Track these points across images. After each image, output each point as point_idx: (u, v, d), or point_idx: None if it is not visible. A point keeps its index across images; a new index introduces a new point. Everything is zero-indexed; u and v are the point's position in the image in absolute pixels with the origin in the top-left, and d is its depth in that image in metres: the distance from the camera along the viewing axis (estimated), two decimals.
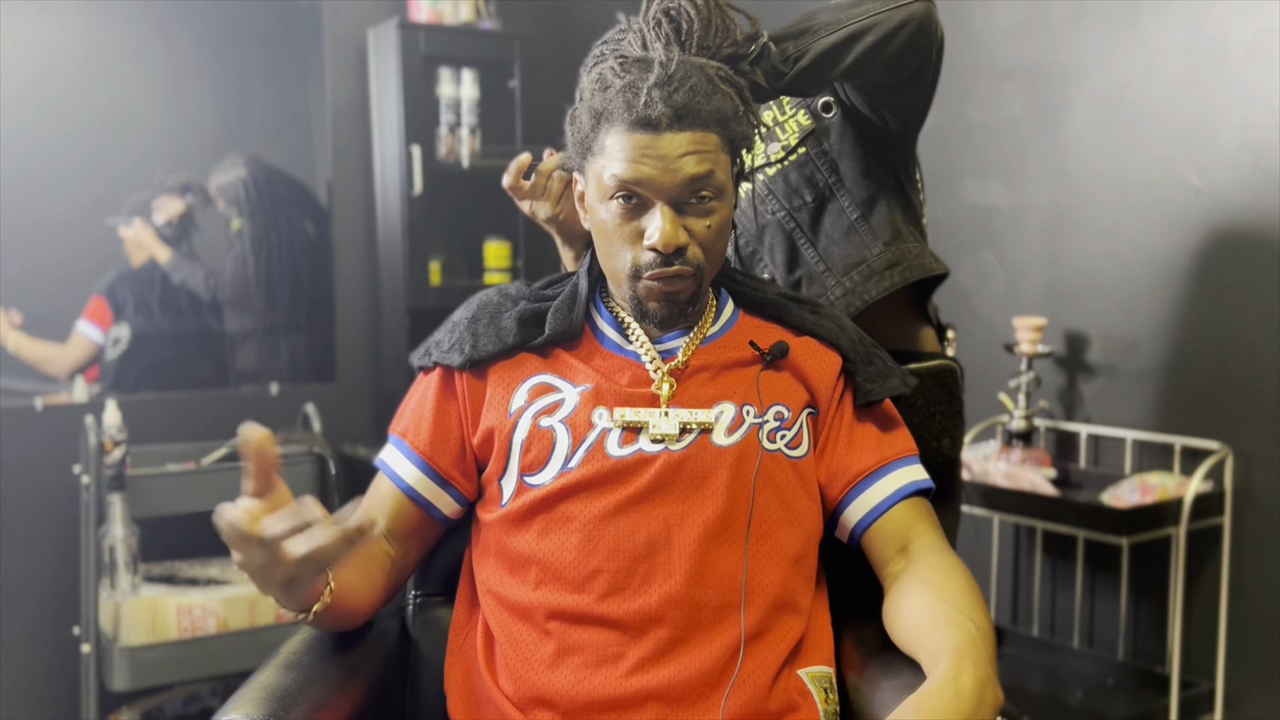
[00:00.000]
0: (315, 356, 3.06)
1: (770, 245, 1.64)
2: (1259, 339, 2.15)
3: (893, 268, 1.55)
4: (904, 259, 1.56)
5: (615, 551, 1.17)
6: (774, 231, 1.63)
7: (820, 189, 1.59)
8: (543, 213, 1.41)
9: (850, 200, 1.58)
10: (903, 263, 1.56)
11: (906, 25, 1.35)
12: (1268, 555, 2.17)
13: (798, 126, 1.59)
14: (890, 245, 1.56)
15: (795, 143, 1.59)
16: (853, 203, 1.58)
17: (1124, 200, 2.36)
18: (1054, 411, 2.52)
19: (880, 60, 1.36)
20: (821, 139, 1.58)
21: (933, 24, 1.38)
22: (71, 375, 2.75)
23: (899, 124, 1.52)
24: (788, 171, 1.60)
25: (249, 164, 2.92)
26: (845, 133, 1.57)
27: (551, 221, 1.42)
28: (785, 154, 1.60)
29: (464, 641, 1.27)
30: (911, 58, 1.39)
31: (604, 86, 1.19)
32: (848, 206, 1.58)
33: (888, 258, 1.56)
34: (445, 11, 2.95)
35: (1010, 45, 2.57)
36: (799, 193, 1.60)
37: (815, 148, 1.58)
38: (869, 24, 1.34)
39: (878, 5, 1.35)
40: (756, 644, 1.17)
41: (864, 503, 1.26)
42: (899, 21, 1.35)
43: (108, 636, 2.50)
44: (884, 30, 1.34)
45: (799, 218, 1.60)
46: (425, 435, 1.28)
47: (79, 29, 2.71)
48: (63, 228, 2.70)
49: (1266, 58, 2.11)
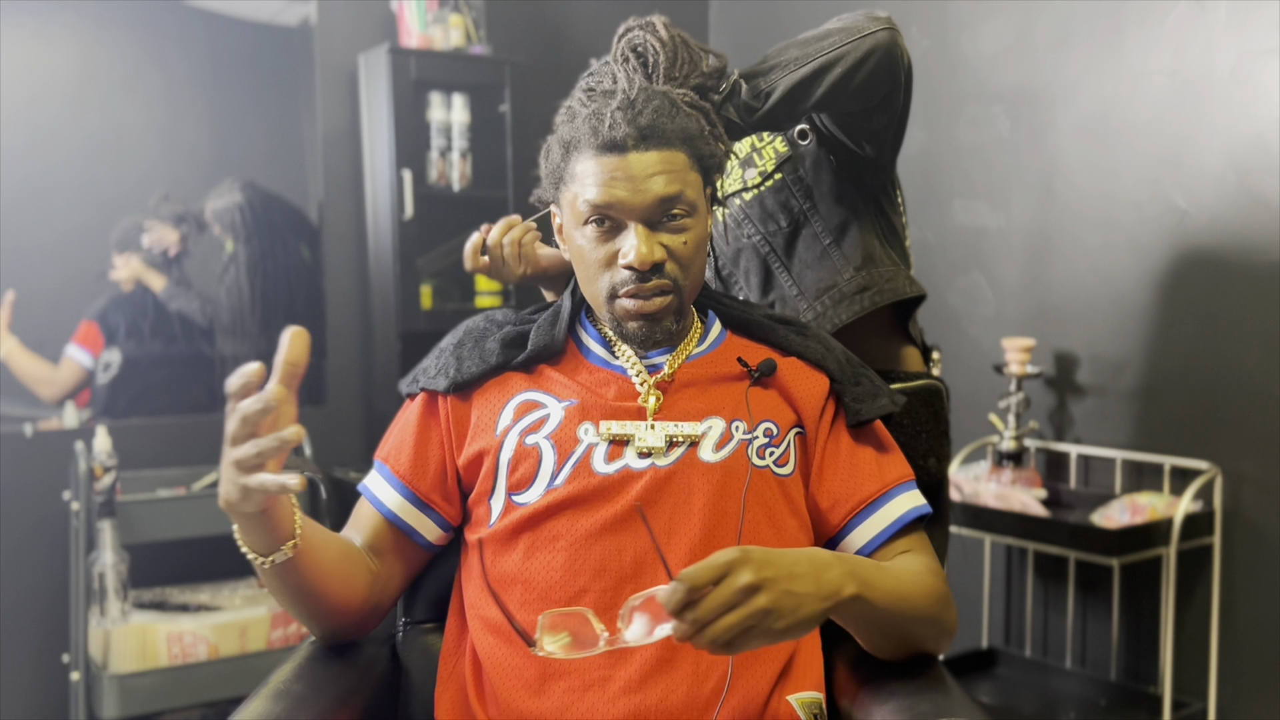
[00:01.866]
0: (306, 380, 3.02)
1: (745, 269, 1.66)
2: (1247, 359, 2.16)
3: (862, 292, 1.57)
4: (874, 283, 1.58)
5: (601, 571, 1.17)
6: (749, 255, 1.66)
7: (795, 214, 1.61)
8: (511, 278, 1.48)
9: (823, 226, 1.61)
10: (873, 287, 1.58)
11: (873, 54, 1.38)
12: (1258, 575, 2.17)
13: (774, 153, 1.62)
14: (861, 270, 1.59)
15: (772, 169, 1.62)
16: (826, 228, 1.61)
17: (1111, 222, 2.38)
18: (1044, 432, 2.53)
19: (849, 90, 1.39)
20: (797, 165, 1.61)
21: (898, 51, 1.41)
22: (61, 400, 2.74)
23: (874, 150, 1.55)
24: (764, 196, 1.63)
25: (245, 189, 2.92)
26: (820, 160, 1.60)
27: (524, 281, 1.49)
28: (762, 179, 1.63)
29: (454, 668, 1.26)
30: (879, 85, 1.42)
31: (571, 117, 1.22)
32: (821, 232, 1.61)
33: (858, 282, 1.58)
34: (436, 37, 2.96)
35: (997, 68, 2.59)
36: (774, 218, 1.62)
37: (791, 174, 1.61)
38: (836, 55, 1.37)
39: (843, 37, 1.39)
40: (745, 667, 1.16)
41: (867, 530, 1.26)
42: (865, 51, 1.38)
43: (97, 664, 2.49)
44: (851, 61, 1.37)
45: (774, 242, 1.63)
46: (406, 460, 1.28)
47: (73, 55, 2.72)
48: (56, 252, 2.70)
49: (1250, 81, 2.13)
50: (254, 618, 2.59)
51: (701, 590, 0.95)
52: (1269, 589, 2.15)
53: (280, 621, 2.61)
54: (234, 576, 2.82)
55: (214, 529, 2.60)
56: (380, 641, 1.38)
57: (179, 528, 2.56)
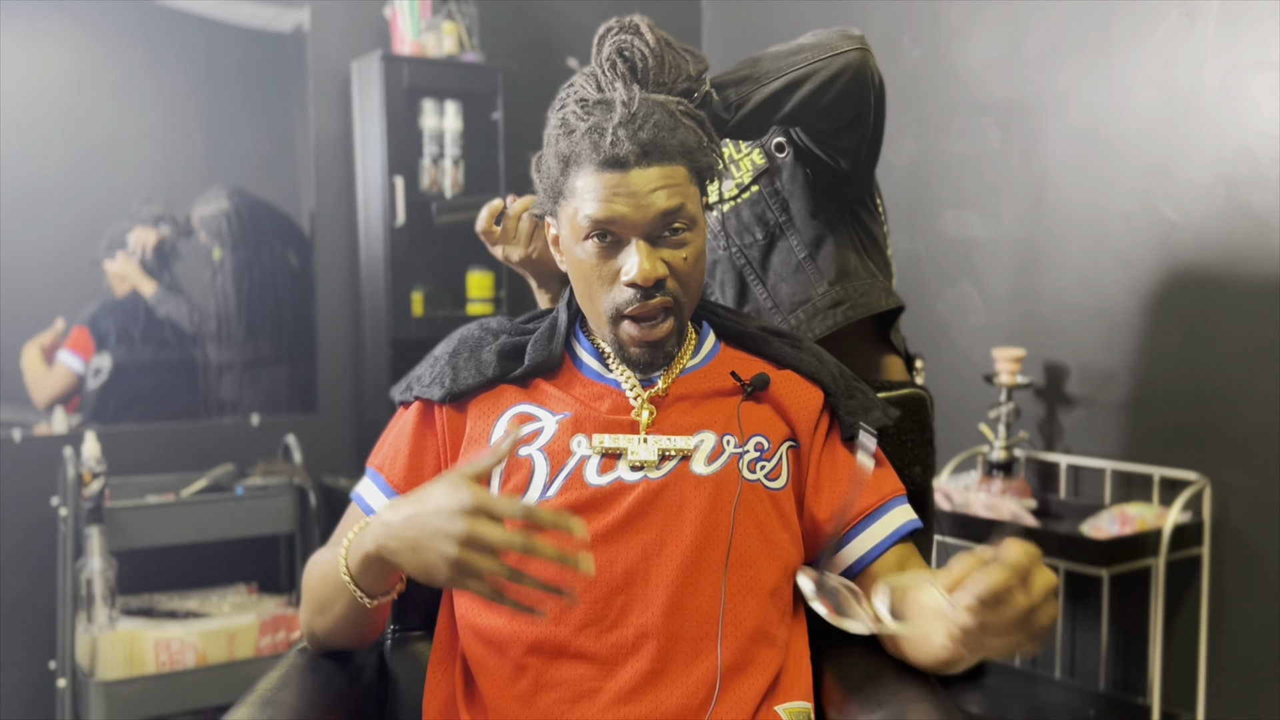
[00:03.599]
0: (296, 387, 3.05)
1: (721, 280, 1.67)
2: (1235, 371, 2.17)
3: (836, 306, 1.58)
4: (848, 298, 1.59)
5: (593, 583, 1.17)
6: (725, 267, 1.66)
7: (771, 227, 1.62)
8: (515, 255, 1.46)
9: (799, 239, 1.61)
10: (847, 301, 1.59)
11: (843, 74, 1.39)
12: (1246, 586, 2.18)
13: (751, 165, 1.63)
14: (835, 284, 1.59)
15: (749, 180, 1.62)
16: (801, 242, 1.61)
17: (1100, 233, 2.39)
18: (1034, 442, 2.54)
19: (818, 107, 1.40)
20: (774, 178, 1.61)
21: (868, 72, 1.42)
22: (51, 405, 2.73)
23: (849, 165, 1.55)
24: (740, 209, 1.63)
25: (232, 195, 2.92)
26: (796, 173, 1.60)
27: (524, 263, 1.48)
28: (739, 191, 1.63)
29: (442, 676, 1.26)
30: (848, 105, 1.43)
31: (569, 131, 1.21)
32: (796, 245, 1.61)
33: (832, 297, 1.59)
34: (429, 44, 2.97)
35: (987, 80, 2.60)
36: (750, 230, 1.63)
37: (768, 186, 1.61)
38: (807, 72, 1.38)
39: (815, 54, 1.39)
40: (734, 677, 1.16)
41: (862, 543, 1.26)
42: (835, 70, 1.38)
43: (84, 671, 2.47)
44: (821, 79, 1.38)
45: (749, 254, 1.63)
46: (400, 469, 1.28)
47: (66, 60, 2.72)
48: (47, 258, 2.69)
49: (1239, 94, 2.14)
50: (242, 625, 2.58)
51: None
52: (1258, 600, 2.16)
53: (268, 629, 2.61)
54: (222, 583, 2.81)
55: (202, 536, 2.59)
56: (368, 649, 1.38)
57: (167, 534, 2.55)
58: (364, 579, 1.13)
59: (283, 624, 2.63)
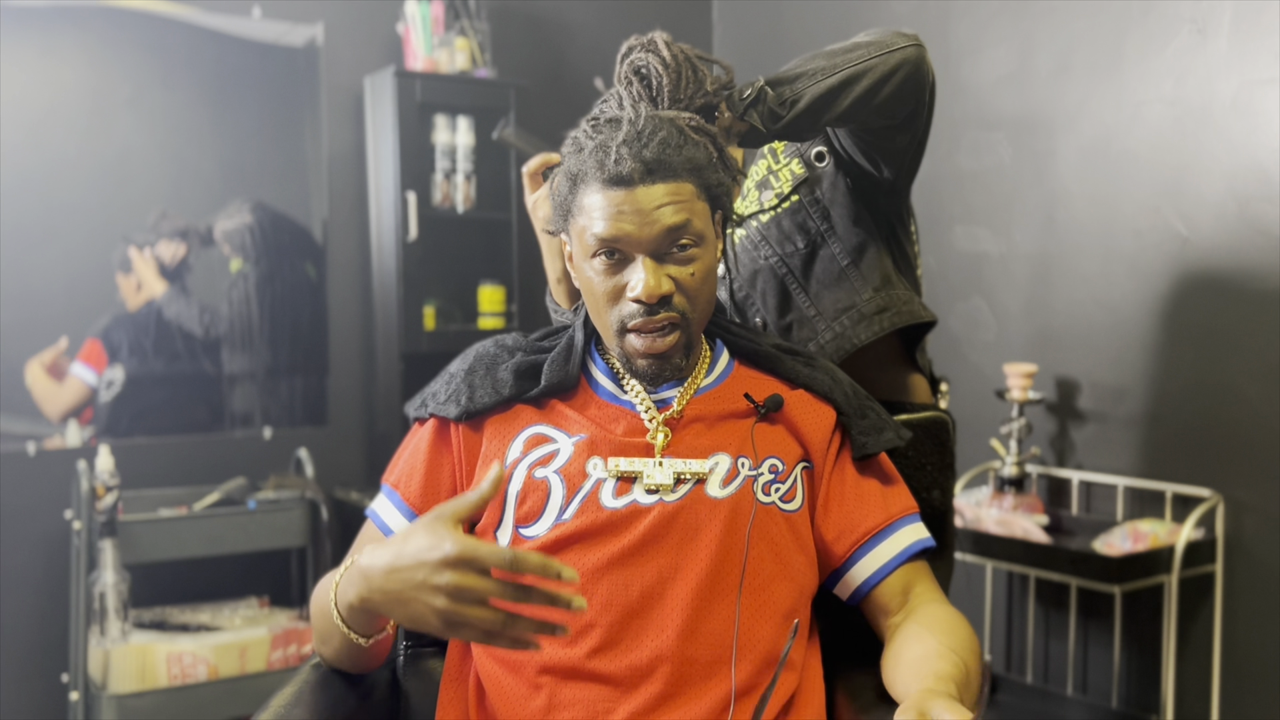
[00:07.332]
0: (308, 401, 3.06)
1: (763, 290, 1.66)
2: (1247, 386, 2.16)
3: (882, 313, 1.57)
4: (893, 304, 1.58)
5: (608, 605, 1.17)
6: (766, 276, 1.65)
7: (812, 235, 1.61)
8: (542, 211, 1.46)
9: (841, 247, 1.60)
10: (892, 308, 1.58)
11: (900, 69, 1.38)
12: (1259, 603, 2.17)
13: (791, 175, 1.62)
14: (880, 291, 1.58)
15: (789, 190, 1.62)
16: (843, 249, 1.60)
17: (1111, 248, 2.39)
18: (1045, 458, 2.53)
19: (874, 104, 1.39)
20: (814, 187, 1.60)
21: (925, 68, 1.41)
22: (64, 418, 2.74)
23: (893, 172, 1.54)
24: (781, 218, 1.63)
25: (255, 210, 2.94)
26: (837, 182, 1.60)
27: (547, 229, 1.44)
28: (779, 201, 1.62)
29: (455, 693, 1.26)
30: (904, 102, 1.42)
31: (578, 149, 1.22)
32: (838, 253, 1.60)
33: (877, 303, 1.58)
34: (442, 60, 2.98)
35: (999, 95, 2.60)
36: (791, 239, 1.62)
37: (808, 195, 1.61)
38: (863, 68, 1.37)
39: (871, 50, 1.38)
40: (747, 700, 1.16)
41: (871, 562, 1.26)
42: (893, 66, 1.37)
43: (96, 684, 2.48)
44: (878, 75, 1.37)
45: (791, 263, 1.63)
46: (416, 487, 1.28)
47: (80, 74, 2.73)
48: (61, 272, 2.71)
49: (1251, 111, 2.14)
50: (254, 638, 2.58)
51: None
52: (1271, 617, 2.15)
53: (280, 642, 2.61)
54: (234, 597, 2.82)
55: (215, 549, 2.60)
56: (381, 666, 1.38)
57: (180, 548, 2.56)
58: (355, 623, 1.13)
59: (294, 637, 2.63)
